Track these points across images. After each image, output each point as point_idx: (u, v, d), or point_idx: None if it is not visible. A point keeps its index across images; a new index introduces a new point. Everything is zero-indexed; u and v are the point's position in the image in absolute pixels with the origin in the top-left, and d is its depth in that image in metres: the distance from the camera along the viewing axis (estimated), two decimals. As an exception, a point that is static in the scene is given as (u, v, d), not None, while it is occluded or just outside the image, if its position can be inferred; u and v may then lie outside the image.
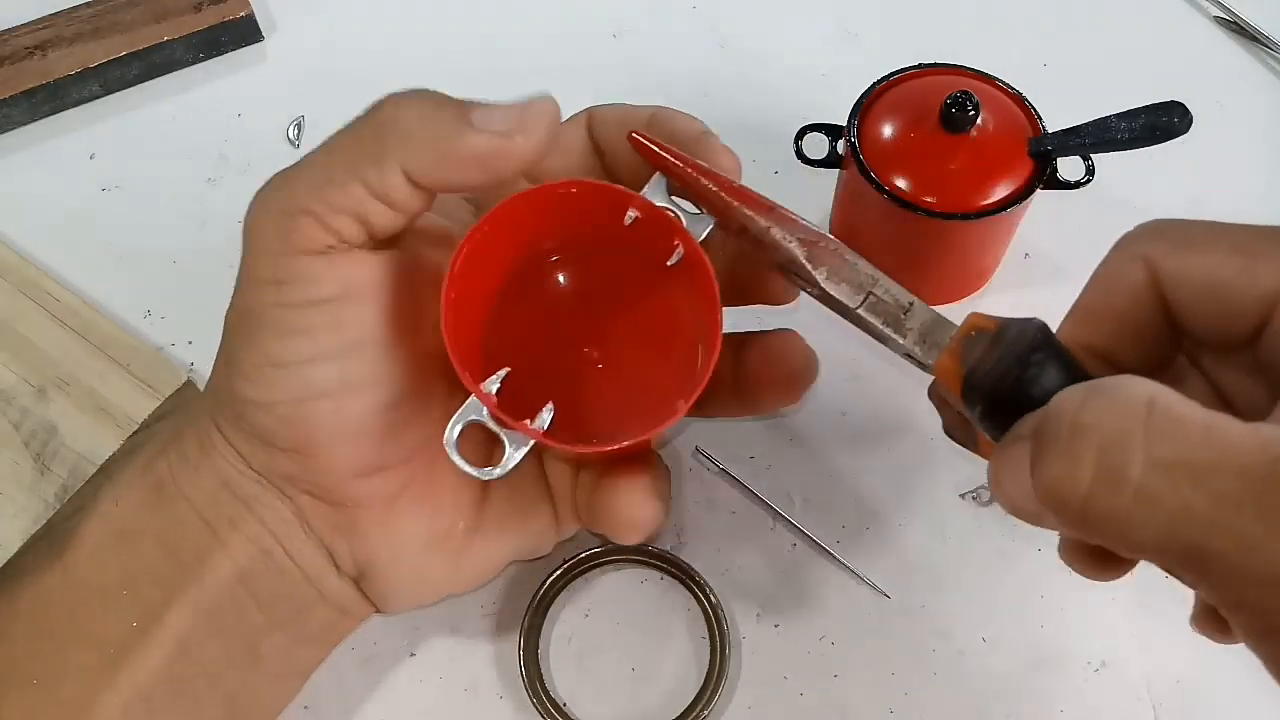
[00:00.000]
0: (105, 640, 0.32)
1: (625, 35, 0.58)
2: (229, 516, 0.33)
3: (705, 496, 0.45)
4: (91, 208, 0.52)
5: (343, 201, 0.30)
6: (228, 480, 0.33)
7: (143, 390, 0.44)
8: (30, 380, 0.44)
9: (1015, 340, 0.26)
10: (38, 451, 0.42)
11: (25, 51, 0.53)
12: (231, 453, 0.33)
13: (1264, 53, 0.57)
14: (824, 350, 0.49)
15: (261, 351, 0.31)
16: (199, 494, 0.33)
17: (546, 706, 0.41)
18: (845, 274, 0.31)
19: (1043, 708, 0.42)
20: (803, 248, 0.31)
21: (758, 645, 0.43)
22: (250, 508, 0.33)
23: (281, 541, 0.34)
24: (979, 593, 0.44)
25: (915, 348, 0.30)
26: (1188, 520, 0.20)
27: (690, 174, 0.32)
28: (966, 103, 0.42)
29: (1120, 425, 0.21)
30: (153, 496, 0.33)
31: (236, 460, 0.33)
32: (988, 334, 0.27)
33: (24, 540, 0.40)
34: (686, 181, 0.32)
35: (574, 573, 0.43)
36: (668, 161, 0.32)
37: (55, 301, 0.46)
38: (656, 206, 0.33)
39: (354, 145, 0.31)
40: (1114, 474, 0.21)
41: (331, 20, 0.58)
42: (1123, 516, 0.21)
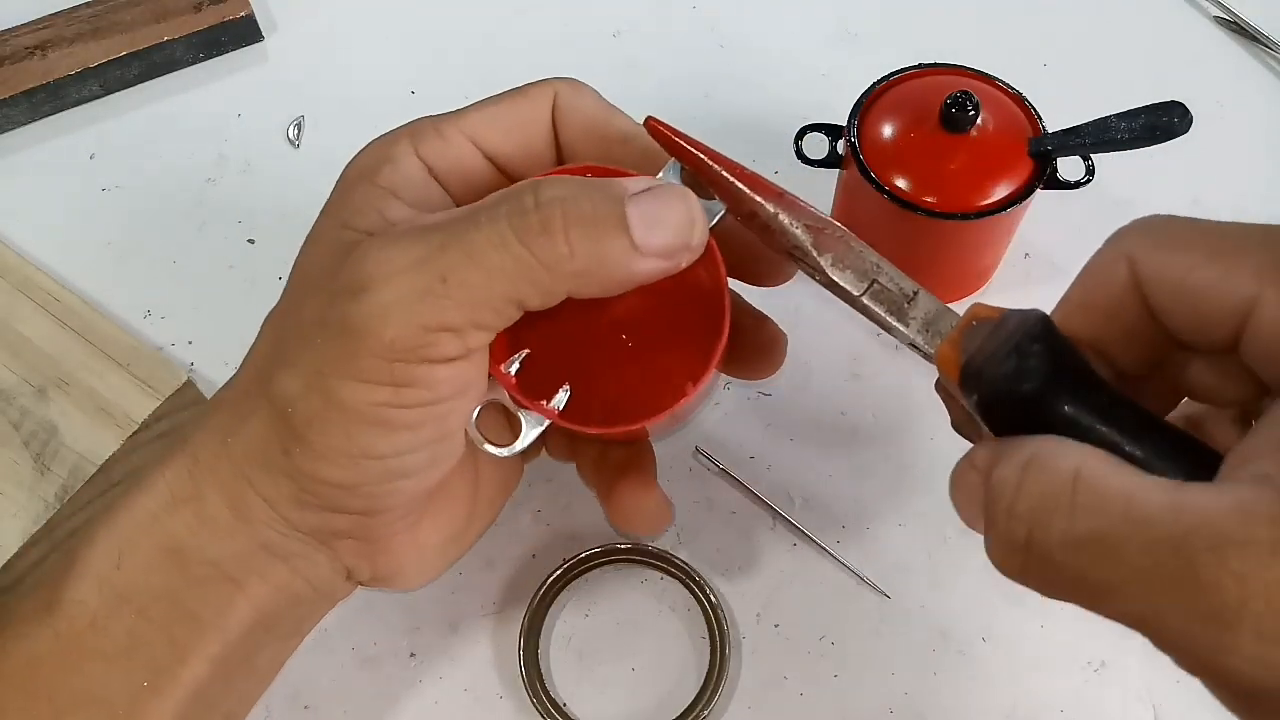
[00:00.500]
0: (111, 699, 0.30)
1: (625, 35, 0.58)
2: (260, 571, 0.32)
3: (705, 496, 0.45)
4: (91, 208, 0.52)
5: (489, 319, 0.28)
6: (267, 542, 0.31)
7: (143, 390, 0.44)
8: (30, 380, 0.44)
9: (1014, 330, 0.26)
10: (38, 451, 0.42)
11: (25, 51, 0.53)
12: (277, 519, 0.31)
13: (1264, 53, 0.57)
14: (824, 350, 0.49)
15: (358, 444, 0.29)
16: (229, 557, 0.31)
17: (546, 706, 0.41)
18: (850, 261, 0.31)
19: (1043, 708, 0.42)
20: (809, 234, 0.31)
21: (758, 645, 0.43)
22: (287, 561, 0.32)
23: (305, 577, 0.33)
24: (979, 593, 0.44)
25: (918, 336, 0.30)
26: (1105, 591, 0.22)
27: (703, 159, 0.32)
28: (966, 103, 0.42)
29: (1046, 503, 0.22)
30: (166, 560, 0.31)
31: (282, 526, 0.31)
32: (989, 323, 0.28)
33: (22, 541, 0.40)
34: (699, 167, 0.32)
35: (574, 573, 0.43)
36: (682, 147, 0.32)
37: (55, 301, 0.46)
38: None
39: (518, 268, 0.28)
40: (1042, 549, 0.22)
41: (331, 20, 0.58)
42: (1052, 585, 0.23)
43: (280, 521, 0.31)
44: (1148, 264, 0.25)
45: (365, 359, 0.28)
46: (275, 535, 0.31)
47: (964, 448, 0.28)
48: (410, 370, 0.28)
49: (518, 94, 0.33)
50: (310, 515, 0.31)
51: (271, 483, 0.30)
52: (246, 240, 0.51)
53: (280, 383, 0.30)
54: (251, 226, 0.52)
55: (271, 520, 0.31)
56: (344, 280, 0.29)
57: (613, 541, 0.44)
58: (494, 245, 0.27)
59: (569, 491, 0.45)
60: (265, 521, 0.31)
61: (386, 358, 0.28)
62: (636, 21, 0.58)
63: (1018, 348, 0.26)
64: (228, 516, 0.31)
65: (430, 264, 0.28)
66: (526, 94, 0.33)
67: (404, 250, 0.28)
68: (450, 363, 0.29)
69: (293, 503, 0.31)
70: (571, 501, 0.45)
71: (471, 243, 0.28)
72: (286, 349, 0.30)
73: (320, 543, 0.32)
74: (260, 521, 0.31)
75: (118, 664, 0.30)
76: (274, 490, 0.31)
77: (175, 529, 0.31)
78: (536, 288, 0.28)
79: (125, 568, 0.31)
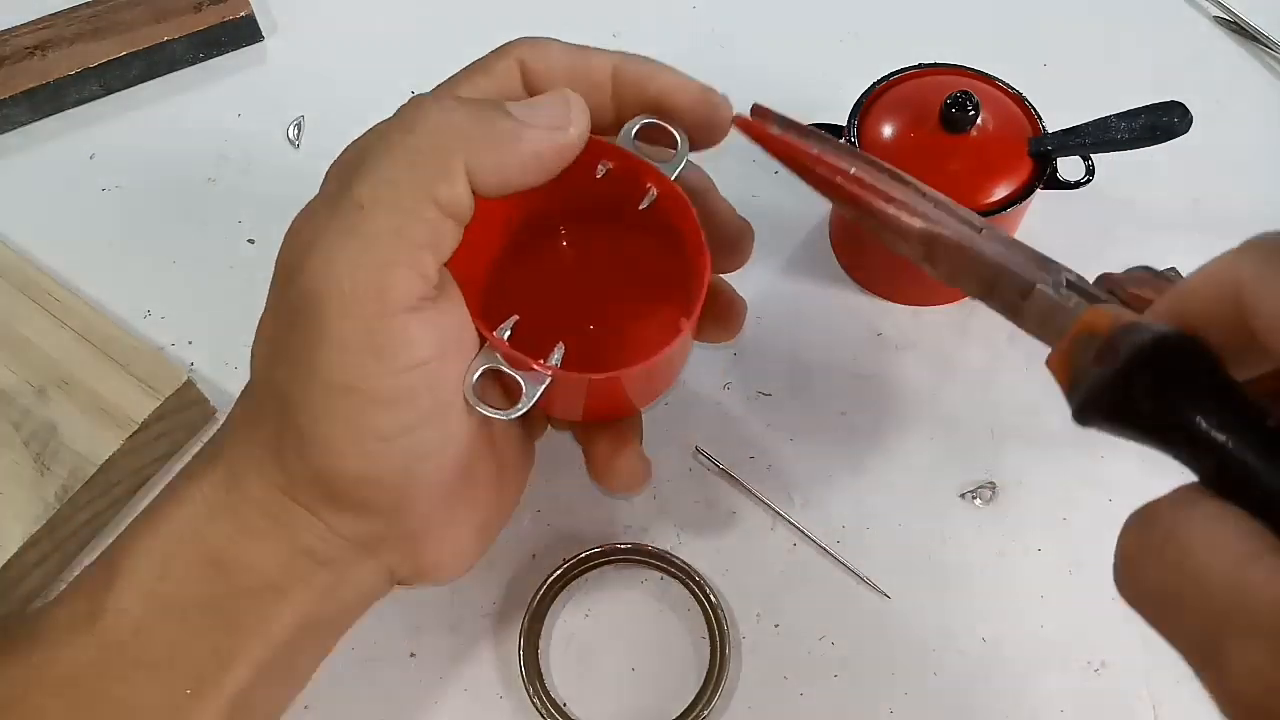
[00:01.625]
0: (154, 708, 0.30)
1: (625, 35, 0.58)
2: (303, 577, 0.31)
3: (705, 496, 0.45)
4: (91, 208, 0.52)
5: (424, 234, 0.28)
6: (309, 548, 0.31)
7: (143, 390, 0.44)
8: (30, 380, 0.44)
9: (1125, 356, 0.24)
10: (38, 451, 0.42)
11: (25, 51, 0.53)
12: (317, 524, 0.31)
13: (1264, 53, 0.57)
14: (824, 350, 0.49)
15: (364, 427, 0.29)
16: (271, 564, 0.31)
17: (546, 706, 0.41)
18: (967, 268, 0.31)
19: (1043, 708, 0.42)
20: (921, 248, 0.31)
21: (758, 645, 0.43)
22: (330, 565, 0.32)
23: (348, 579, 0.32)
24: (979, 593, 0.44)
25: (1036, 333, 0.29)
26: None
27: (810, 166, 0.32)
28: (966, 103, 0.42)
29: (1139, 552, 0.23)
30: (209, 570, 0.31)
31: (323, 531, 0.31)
32: (1100, 339, 0.25)
33: (22, 542, 0.41)
34: (804, 171, 0.32)
35: (574, 573, 0.43)
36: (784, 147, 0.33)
37: (55, 301, 0.46)
38: (629, 155, 0.33)
39: (414, 162, 0.29)
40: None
41: (331, 20, 0.58)
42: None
43: (321, 527, 0.31)
44: (1251, 282, 0.23)
45: (336, 324, 0.28)
46: (316, 541, 0.31)
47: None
48: (387, 327, 0.28)
49: (478, 71, 0.33)
50: (347, 520, 0.31)
51: (301, 489, 0.30)
52: (246, 240, 0.51)
53: (276, 380, 0.30)
54: (251, 226, 0.52)
55: (312, 525, 0.31)
56: (285, 258, 0.29)
57: (613, 541, 0.44)
58: (391, 158, 0.28)
59: (569, 491, 0.45)
60: (306, 527, 0.31)
61: (356, 317, 0.28)
62: (636, 21, 0.58)
63: (1127, 375, 0.23)
64: (267, 525, 0.31)
65: (342, 202, 0.28)
66: (488, 69, 0.33)
67: (322, 206, 0.29)
68: (420, 311, 0.29)
69: (328, 507, 0.31)
70: (571, 501, 0.45)
71: (373, 167, 0.28)
72: (273, 346, 0.30)
73: (363, 547, 0.32)
74: (301, 528, 0.31)
75: (161, 672, 0.30)
76: (308, 495, 0.30)
77: (216, 539, 0.31)
78: (442, 174, 0.28)
79: (169, 578, 0.30)
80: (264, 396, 0.31)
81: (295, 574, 0.31)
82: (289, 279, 0.29)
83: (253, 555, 0.31)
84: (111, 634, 0.30)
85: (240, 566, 0.31)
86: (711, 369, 0.48)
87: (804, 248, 0.51)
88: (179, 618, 0.30)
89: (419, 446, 0.30)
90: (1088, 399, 0.24)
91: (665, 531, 0.45)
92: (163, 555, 0.31)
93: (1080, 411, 0.24)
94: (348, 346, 0.28)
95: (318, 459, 0.29)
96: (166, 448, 0.45)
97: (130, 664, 0.30)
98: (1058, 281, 0.29)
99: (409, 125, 0.29)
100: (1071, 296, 0.28)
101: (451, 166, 0.29)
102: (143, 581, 0.30)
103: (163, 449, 0.45)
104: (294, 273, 0.29)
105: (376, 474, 0.30)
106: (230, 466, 0.31)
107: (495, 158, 0.29)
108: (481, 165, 0.29)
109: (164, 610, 0.30)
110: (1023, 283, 0.29)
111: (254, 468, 0.31)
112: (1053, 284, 0.29)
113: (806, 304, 0.50)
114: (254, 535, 0.31)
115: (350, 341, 0.28)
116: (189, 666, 0.30)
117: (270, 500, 0.31)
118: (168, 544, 0.31)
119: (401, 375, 0.29)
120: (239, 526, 0.31)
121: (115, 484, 0.44)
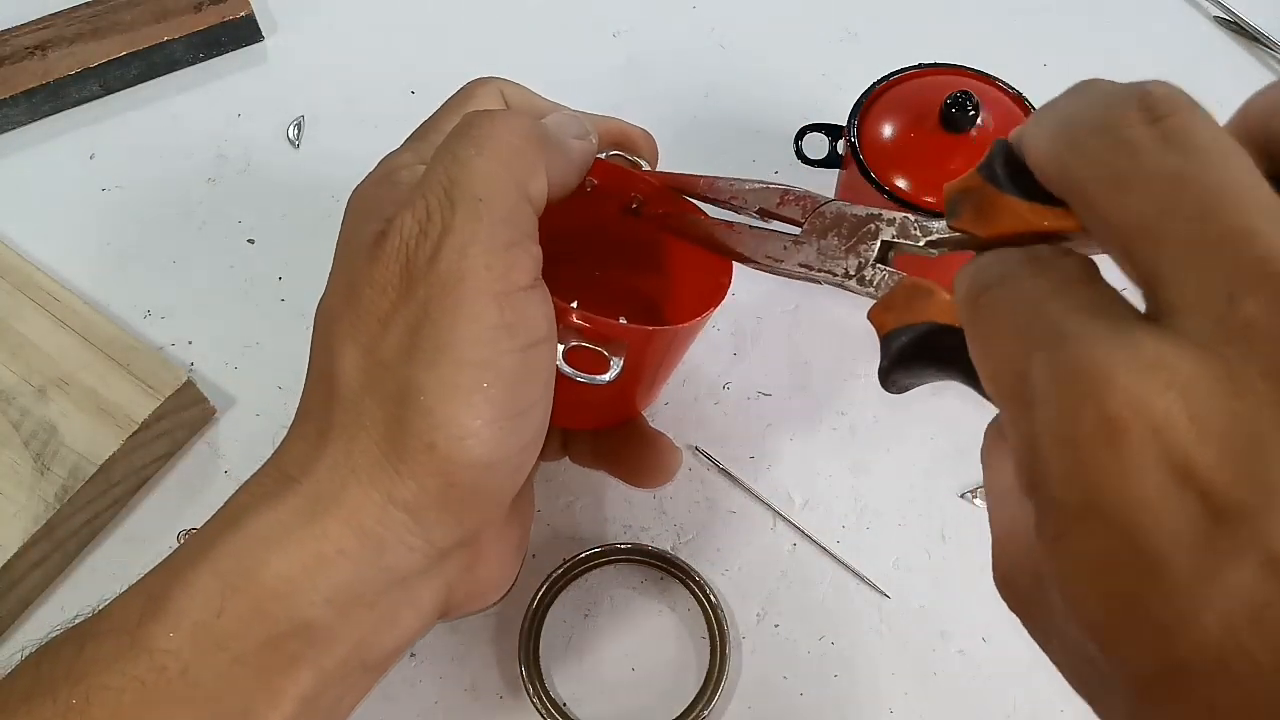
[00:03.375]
0: None
1: (625, 35, 0.58)
2: (371, 601, 0.30)
3: (705, 496, 0.45)
4: (91, 208, 0.52)
5: (528, 223, 0.30)
6: (390, 564, 0.30)
7: (143, 390, 0.44)
8: (30, 380, 0.44)
9: (892, 352, 0.29)
10: (38, 451, 0.42)
11: (25, 51, 0.53)
12: (413, 529, 0.30)
13: (1264, 53, 0.57)
14: (824, 350, 0.49)
15: (494, 404, 0.29)
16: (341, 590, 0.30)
17: (546, 706, 0.41)
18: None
19: (1043, 708, 0.42)
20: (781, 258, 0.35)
21: (758, 645, 0.43)
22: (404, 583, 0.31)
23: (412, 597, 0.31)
24: (979, 593, 0.44)
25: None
26: None
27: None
28: (966, 103, 0.42)
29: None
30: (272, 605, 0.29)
31: (416, 538, 0.30)
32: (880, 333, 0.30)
33: (24, 541, 0.41)
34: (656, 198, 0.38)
35: (574, 573, 0.43)
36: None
37: (55, 301, 0.46)
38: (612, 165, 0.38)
39: (510, 161, 0.31)
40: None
41: (331, 20, 0.58)
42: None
43: (416, 532, 0.30)
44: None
45: (473, 301, 0.29)
46: (404, 551, 0.30)
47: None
48: (514, 302, 0.29)
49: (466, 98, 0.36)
50: (448, 519, 0.30)
51: (417, 486, 0.29)
52: (246, 240, 0.51)
53: (404, 373, 0.29)
54: (251, 226, 0.52)
55: (404, 533, 0.30)
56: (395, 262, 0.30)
57: (613, 541, 0.44)
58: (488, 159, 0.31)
59: (569, 491, 0.45)
60: (399, 538, 0.30)
61: (492, 294, 0.29)
62: (636, 21, 0.58)
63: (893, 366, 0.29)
64: (353, 545, 0.30)
65: (459, 198, 0.30)
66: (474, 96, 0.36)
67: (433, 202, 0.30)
68: (536, 289, 0.30)
69: (436, 503, 0.30)
70: (572, 501, 0.45)
71: (473, 170, 0.30)
72: (388, 345, 0.30)
73: (441, 557, 0.31)
74: (393, 538, 0.30)
75: (206, 709, 0.29)
76: (419, 494, 0.29)
77: (289, 570, 0.29)
78: (532, 170, 0.31)
79: (226, 615, 0.29)
80: (368, 400, 0.30)
81: (366, 598, 0.30)
82: (419, 272, 0.30)
83: (324, 584, 0.29)
84: (157, 675, 0.28)
85: (307, 599, 0.29)
86: (711, 369, 0.48)
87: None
88: (232, 658, 0.29)
89: (529, 430, 0.30)
90: (880, 377, 0.29)
91: (665, 531, 0.45)
92: (224, 589, 0.29)
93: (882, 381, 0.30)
94: (484, 321, 0.29)
95: (445, 442, 0.29)
96: (166, 447, 0.45)
97: (177, 702, 0.28)
98: (863, 263, 0.33)
99: (488, 132, 0.31)
100: (877, 274, 0.33)
101: (536, 164, 0.31)
102: (197, 618, 0.29)
103: (163, 449, 0.45)
104: (428, 265, 0.29)
105: (497, 458, 0.29)
106: (316, 489, 0.30)
107: (557, 159, 0.32)
108: (549, 166, 0.32)
109: (217, 649, 0.29)
110: (830, 282, 0.34)
111: (354, 479, 0.30)
112: (856, 275, 0.33)
113: (806, 304, 0.50)
114: (334, 561, 0.29)
115: (486, 316, 0.29)
116: (237, 703, 0.29)
117: (367, 511, 0.29)
118: (231, 578, 0.29)
119: (528, 352, 0.30)
120: (317, 553, 0.29)
121: (115, 484, 0.44)
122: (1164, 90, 0.20)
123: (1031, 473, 0.20)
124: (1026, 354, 0.20)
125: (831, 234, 0.34)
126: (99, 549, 0.44)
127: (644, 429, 0.40)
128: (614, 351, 0.33)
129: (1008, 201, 0.24)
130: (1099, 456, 0.18)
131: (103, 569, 0.44)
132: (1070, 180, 0.21)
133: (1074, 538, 0.19)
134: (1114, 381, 0.18)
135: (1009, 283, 0.22)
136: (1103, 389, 0.18)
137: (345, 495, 0.30)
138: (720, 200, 0.38)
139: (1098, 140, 0.20)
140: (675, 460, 0.39)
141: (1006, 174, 0.24)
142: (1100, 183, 0.20)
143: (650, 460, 0.39)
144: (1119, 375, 0.18)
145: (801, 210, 0.35)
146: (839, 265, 0.33)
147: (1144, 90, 0.20)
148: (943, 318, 0.28)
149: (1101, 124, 0.20)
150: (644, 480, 0.40)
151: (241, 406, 0.47)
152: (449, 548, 0.31)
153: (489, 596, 0.35)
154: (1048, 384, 0.19)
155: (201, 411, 0.46)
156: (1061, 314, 0.20)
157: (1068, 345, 0.19)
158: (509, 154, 0.31)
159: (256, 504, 0.30)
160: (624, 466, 0.40)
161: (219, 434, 0.47)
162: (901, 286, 0.30)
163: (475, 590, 0.34)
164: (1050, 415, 0.19)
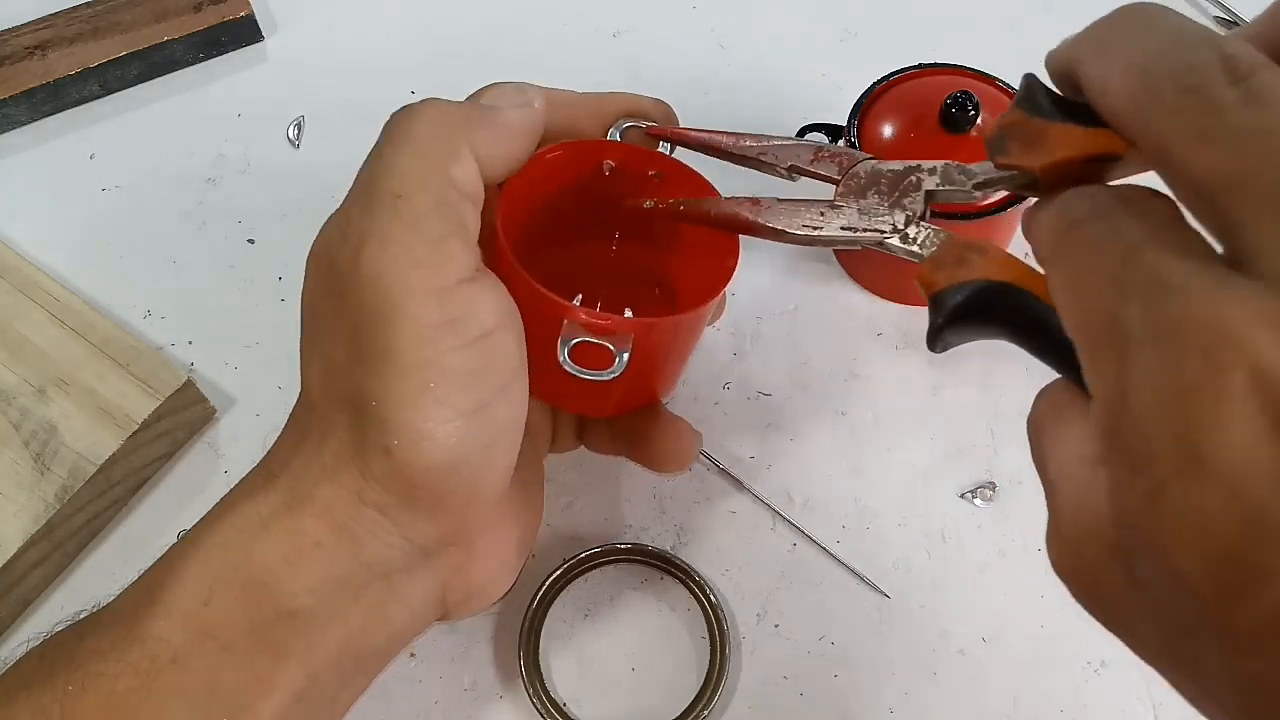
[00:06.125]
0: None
1: (625, 35, 0.58)
2: (357, 595, 0.31)
3: (705, 496, 0.45)
4: (91, 208, 0.52)
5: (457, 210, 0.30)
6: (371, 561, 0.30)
7: (143, 390, 0.44)
8: (30, 380, 0.44)
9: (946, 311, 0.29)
10: (38, 451, 0.42)
11: (25, 51, 0.53)
12: (388, 527, 0.30)
13: (1264, 53, 0.56)
14: (824, 350, 0.49)
15: (445, 404, 0.29)
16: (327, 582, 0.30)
17: (546, 706, 0.41)
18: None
19: (1042, 708, 0.42)
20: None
21: (758, 645, 0.43)
22: (389, 580, 0.31)
23: (401, 598, 0.32)
24: (979, 593, 0.44)
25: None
26: None
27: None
28: (966, 103, 0.42)
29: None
30: (258, 594, 0.30)
31: (392, 535, 0.30)
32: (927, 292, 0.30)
33: (24, 541, 0.41)
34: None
35: (574, 573, 0.43)
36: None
37: (55, 301, 0.46)
38: (628, 147, 0.37)
39: (424, 151, 0.30)
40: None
41: (331, 20, 0.58)
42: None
43: (392, 530, 0.30)
44: None
45: (406, 301, 0.29)
46: (383, 548, 0.30)
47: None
48: (453, 297, 0.29)
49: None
50: (421, 520, 0.30)
51: (382, 488, 0.30)
52: (246, 240, 0.51)
53: (348, 383, 0.29)
54: (251, 226, 0.52)
55: (381, 531, 0.30)
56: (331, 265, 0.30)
57: (612, 541, 0.44)
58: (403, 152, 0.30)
59: (569, 491, 0.45)
60: (375, 534, 0.30)
61: (425, 291, 0.29)
62: (636, 21, 0.58)
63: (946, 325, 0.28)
64: (332, 538, 0.30)
65: (376, 197, 0.30)
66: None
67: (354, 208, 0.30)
68: (477, 281, 0.30)
69: (404, 504, 0.30)
70: (572, 501, 0.45)
71: (390, 164, 0.30)
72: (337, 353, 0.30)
73: (424, 555, 0.31)
74: (369, 535, 0.30)
75: (198, 699, 0.29)
76: (385, 495, 0.30)
77: (269, 560, 0.30)
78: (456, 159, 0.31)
79: (214, 604, 0.29)
80: (330, 407, 0.30)
81: (349, 591, 0.30)
82: (345, 280, 0.29)
83: (306, 575, 0.30)
84: (149, 663, 0.29)
85: (290, 589, 0.30)
86: (711, 369, 0.48)
87: (804, 247, 0.51)
88: (221, 645, 0.29)
89: (493, 425, 0.30)
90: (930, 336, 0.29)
91: (665, 531, 0.45)
92: (211, 579, 0.30)
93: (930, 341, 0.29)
94: (421, 321, 0.29)
95: (401, 449, 0.29)
96: (166, 448, 0.45)
97: (169, 691, 0.29)
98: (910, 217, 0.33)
99: (405, 127, 0.31)
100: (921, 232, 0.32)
101: (457, 148, 0.30)
102: (186, 608, 0.29)
103: (162, 449, 0.45)
104: (351, 270, 0.29)
105: (458, 458, 0.29)
106: (292, 484, 0.30)
107: (488, 135, 0.31)
108: (478, 145, 0.31)
109: (206, 637, 0.29)
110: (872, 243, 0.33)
111: (325, 477, 0.30)
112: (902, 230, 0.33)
113: (806, 304, 0.50)
114: (312, 553, 0.30)
115: (423, 316, 0.29)
116: (228, 693, 0.29)
117: (340, 508, 0.30)
118: (217, 567, 0.30)
119: (474, 346, 0.29)
120: (295, 545, 0.30)
121: (115, 484, 0.44)
122: (1243, 50, 0.20)
123: (1122, 424, 0.19)
124: (1121, 297, 0.20)
125: (870, 192, 0.33)
126: (99, 549, 0.44)
127: (662, 413, 0.39)
128: (618, 345, 0.33)
129: (1060, 129, 0.24)
130: (1204, 406, 0.18)
131: (103, 569, 0.44)
132: (1151, 130, 0.21)
133: (1174, 492, 0.18)
134: (1223, 331, 0.18)
135: (1099, 221, 0.22)
136: (1209, 338, 0.18)
137: (318, 492, 0.30)
138: (748, 158, 0.37)
139: (1183, 99, 0.20)
140: (695, 445, 0.39)
141: (1051, 103, 0.25)
142: (1184, 137, 0.20)
143: (669, 444, 0.39)
144: (1231, 325, 0.18)
145: (838, 166, 0.34)
146: (884, 222, 0.33)
147: (1225, 53, 0.20)
148: (997, 275, 0.28)
149: (1186, 84, 0.20)
150: (663, 464, 0.39)
151: (241, 406, 0.47)
152: (431, 546, 0.31)
153: (489, 596, 0.35)
154: (1148, 331, 0.19)
155: (201, 411, 0.46)
156: (1159, 259, 0.20)
157: (1173, 293, 0.19)
158: (425, 143, 0.30)
159: (241, 499, 0.31)
160: (642, 450, 0.39)
161: (219, 434, 0.47)
162: (951, 243, 0.29)
163: (473, 590, 0.34)
164: (1151, 363, 0.19)
